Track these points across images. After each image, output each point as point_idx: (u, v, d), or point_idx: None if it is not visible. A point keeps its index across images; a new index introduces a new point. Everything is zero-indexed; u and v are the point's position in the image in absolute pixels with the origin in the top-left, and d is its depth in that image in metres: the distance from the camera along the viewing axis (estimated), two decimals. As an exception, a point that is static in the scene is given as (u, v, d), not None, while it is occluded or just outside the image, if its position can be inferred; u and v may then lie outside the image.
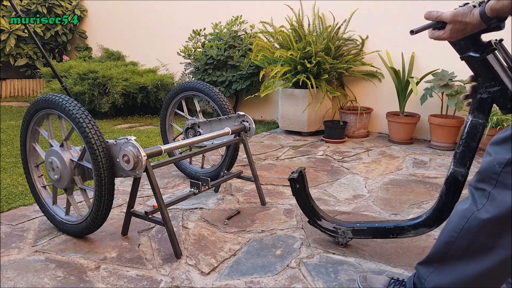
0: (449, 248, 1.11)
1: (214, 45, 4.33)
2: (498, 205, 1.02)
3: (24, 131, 1.91)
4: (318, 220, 1.75)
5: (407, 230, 1.53)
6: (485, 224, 1.05)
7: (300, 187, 1.74)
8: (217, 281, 1.48)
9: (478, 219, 1.06)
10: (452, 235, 1.11)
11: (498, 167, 1.02)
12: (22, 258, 1.63)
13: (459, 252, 1.10)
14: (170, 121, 2.61)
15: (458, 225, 1.10)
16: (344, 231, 1.69)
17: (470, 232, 1.07)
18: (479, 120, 1.27)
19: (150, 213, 1.74)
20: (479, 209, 1.06)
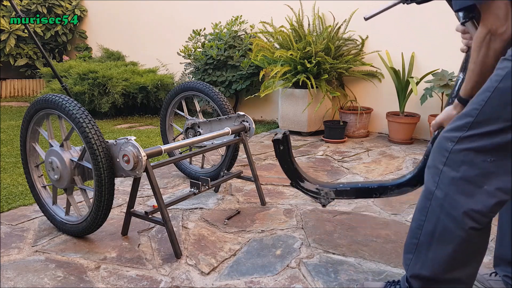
0: (420, 232, 1.12)
1: (214, 45, 4.33)
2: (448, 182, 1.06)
3: (24, 131, 1.91)
4: (301, 182, 1.71)
5: (390, 189, 1.51)
6: (443, 203, 1.07)
7: (284, 148, 1.72)
8: (217, 281, 1.49)
9: (437, 198, 1.08)
10: (421, 219, 1.13)
11: (450, 144, 1.06)
12: (22, 258, 1.63)
13: (428, 237, 1.10)
14: (170, 121, 2.61)
15: (423, 207, 1.12)
16: (327, 192, 1.66)
17: (433, 213, 1.09)
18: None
19: (150, 213, 1.74)
20: (435, 188, 1.08)
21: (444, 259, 1.09)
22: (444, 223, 1.07)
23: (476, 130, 1.02)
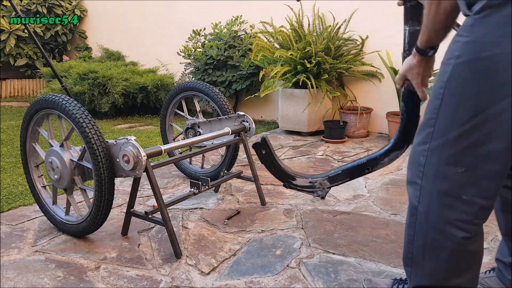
0: (412, 246, 1.14)
1: (214, 45, 4.33)
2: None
3: (24, 131, 1.91)
4: (293, 180, 1.70)
5: (380, 159, 1.51)
6: (427, 217, 1.08)
7: (267, 152, 1.71)
8: (217, 281, 1.48)
9: (422, 213, 1.09)
10: (410, 233, 1.14)
11: (422, 159, 1.06)
12: (22, 258, 1.63)
13: (421, 251, 1.11)
14: (170, 121, 2.61)
15: (411, 222, 1.13)
16: (321, 183, 1.65)
17: (421, 228, 1.10)
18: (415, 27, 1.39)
19: (150, 213, 1.74)
20: (418, 203, 1.09)
21: (439, 269, 1.09)
22: (433, 236, 1.07)
23: (439, 140, 1.03)
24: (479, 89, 0.96)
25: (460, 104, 0.98)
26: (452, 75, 0.99)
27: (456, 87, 0.99)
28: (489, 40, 0.93)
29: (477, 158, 0.98)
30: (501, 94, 0.93)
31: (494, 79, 0.94)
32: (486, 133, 0.96)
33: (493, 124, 0.95)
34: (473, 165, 0.99)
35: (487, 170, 0.98)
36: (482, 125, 0.96)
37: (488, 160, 0.98)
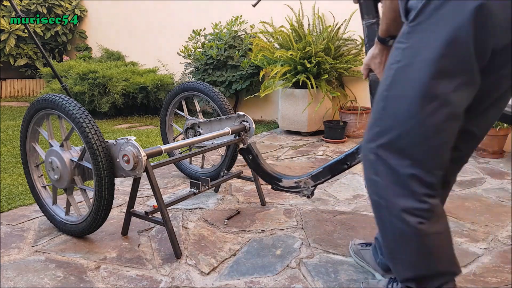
0: (387, 241, 1.19)
1: (214, 45, 4.33)
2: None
3: (24, 131, 1.91)
4: (280, 182, 1.77)
5: (357, 153, 1.58)
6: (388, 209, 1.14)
7: (253, 157, 1.79)
8: (217, 281, 1.48)
9: (383, 207, 1.15)
10: (381, 229, 1.20)
11: (372, 156, 1.14)
12: (22, 258, 1.63)
13: (393, 243, 1.17)
14: (170, 121, 2.61)
15: (378, 218, 1.19)
16: (305, 182, 1.70)
17: (386, 221, 1.16)
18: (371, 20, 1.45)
19: (150, 213, 1.74)
20: (378, 198, 1.16)
21: (415, 259, 1.14)
22: (397, 227, 1.13)
23: (385, 138, 1.10)
24: (414, 92, 1.04)
25: (401, 105, 1.06)
26: (394, 79, 1.07)
27: (398, 90, 1.07)
28: (424, 45, 1.00)
29: (421, 153, 1.07)
30: (432, 93, 1.02)
31: (429, 78, 1.01)
32: (424, 131, 1.05)
33: (428, 123, 1.04)
34: (418, 159, 1.08)
35: (430, 163, 1.08)
36: (419, 124, 1.04)
37: (430, 153, 1.07)
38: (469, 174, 2.75)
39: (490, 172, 2.80)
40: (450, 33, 0.97)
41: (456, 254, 1.64)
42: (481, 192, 2.40)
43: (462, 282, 1.48)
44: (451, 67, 1.00)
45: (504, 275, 1.53)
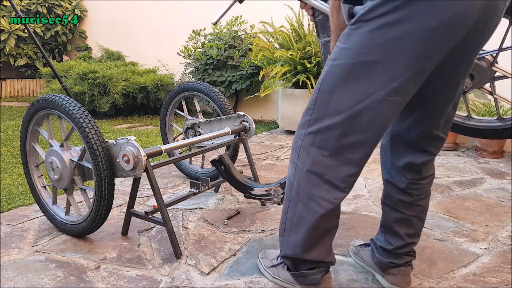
0: (286, 218, 1.29)
1: (214, 45, 4.33)
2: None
3: (24, 131, 1.91)
4: (252, 191, 1.85)
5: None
6: (298, 192, 1.24)
7: (225, 167, 1.88)
8: (217, 281, 1.48)
9: (294, 188, 1.25)
10: (285, 206, 1.29)
11: (299, 141, 1.23)
12: (22, 258, 1.63)
13: (290, 223, 1.27)
14: (170, 121, 2.61)
15: (287, 196, 1.28)
16: (275, 190, 1.79)
17: (293, 202, 1.26)
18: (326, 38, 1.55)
19: (150, 213, 1.74)
20: (293, 180, 1.25)
21: (299, 242, 1.26)
22: (300, 210, 1.24)
23: (313, 127, 1.19)
24: (346, 90, 1.13)
25: (331, 100, 1.15)
26: (326, 74, 1.17)
27: (329, 85, 1.16)
28: (359, 49, 1.09)
29: (341, 146, 1.16)
30: (363, 95, 1.11)
31: (360, 82, 1.11)
32: (349, 127, 1.14)
33: (355, 120, 1.13)
34: (337, 152, 1.17)
35: (348, 158, 1.17)
36: (347, 120, 1.13)
37: (350, 149, 1.16)
38: (469, 174, 2.75)
39: (490, 172, 2.80)
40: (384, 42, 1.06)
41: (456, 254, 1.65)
42: (481, 192, 2.40)
43: (462, 282, 1.49)
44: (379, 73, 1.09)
45: (504, 275, 1.53)
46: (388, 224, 1.42)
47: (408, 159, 1.32)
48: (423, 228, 1.89)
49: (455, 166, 2.93)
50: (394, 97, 1.10)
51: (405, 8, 1.02)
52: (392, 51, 1.06)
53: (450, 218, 2.03)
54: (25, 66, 6.00)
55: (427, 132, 1.27)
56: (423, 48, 1.05)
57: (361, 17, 1.09)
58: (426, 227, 1.92)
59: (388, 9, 1.04)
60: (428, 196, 1.39)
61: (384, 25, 1.05)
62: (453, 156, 3.23)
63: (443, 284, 1.47)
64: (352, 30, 1.11)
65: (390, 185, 1.39)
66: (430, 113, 1.25)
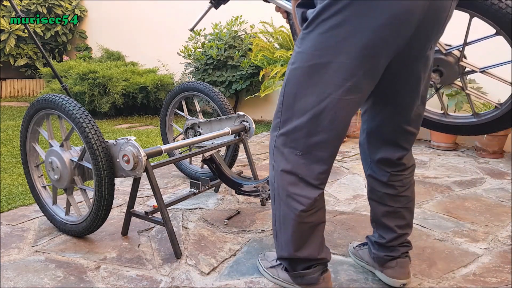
0: (275, 219, 1.32)
1: (214, 45, 4.33)
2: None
3: (24, 131, 1.91)
4: (241, 187, 1.93)
5: None
6: (279, 192, 1.29)
7: (217, 165, 1.96)
8: (217, 281, 1.48)
9: (275, 189, 1.29)
10: (273, 208, 1.33)
11: (272, 143, 1.29)
12: (22, 258, 1.63)
13: (278, 224, 1.31)
14: (170, 121, 2.61)
15: (272, 198, 1.33)
16: (263, 186, 1.86)
17: (277, 202, 1.30)
18: None
19: (150, 213, 1.74)
20: (274, 181, 1.30)
21: (289, 241, 1.29)
22: (283, 209, 1.27)
23: (283, 129, 1.24)
24: (307, 91, 1.18)
25: (295, 102, 1.21)
26: (288, 78, 1.22)
27: (292, 88, 1.21)
28: (312, 52, 1.15)
29: (310, 145, 1.21)
30: (322, 96, 1.16)
31: (318, 83, 1.16)
32: (314, 127, 1.19)
33: (318, 120, 1.18)
34: (307, 151, 1.22)
35: (317, 156, 1.22)
36: (311, 120, 1.18)
37: (318, 148, 1.21)
38: (469, 174, 2.75)
39: (490, 172, 2.80)
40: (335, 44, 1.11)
41: (456, 254, 1.65)
42: (481, 192, 2.40)
43: (462, 282, 1.49)
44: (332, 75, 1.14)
45: (504, 275, 1.53)
46: (377, 219, 1.45)
47: (385, 154, 1.36)
48: (423, 229, 1.90)
49: (455, 166, 2.93)
50: (350, 95, 1.15)
51: (347, 10, 1.08)
52: (342, 51, 1.11)
53: (450, 218, 2.03)
54: (25, 66, 6.00)
55: (399, 128, 1.32)
56: (369, 47, 1.10)
57: (311, 21, 1.15)
58: (426, 227, 1.92)
59: (333, 12, 1.10)
60: (412, 186, 1.43)
61: (332, 27, 1.11)
62: (453, 156, 3.23)
63: (443, 284, 1.47)
64: (305, 34, 1.17)
65: (373, 180, 1.43)
66: (399, 109, 1.30)
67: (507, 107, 1.46)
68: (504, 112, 1.47)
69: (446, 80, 1.54)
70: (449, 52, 1.49)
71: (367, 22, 1.07)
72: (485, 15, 1.33)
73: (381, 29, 1.08)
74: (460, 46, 1.47)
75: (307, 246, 1.29)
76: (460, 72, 1.51)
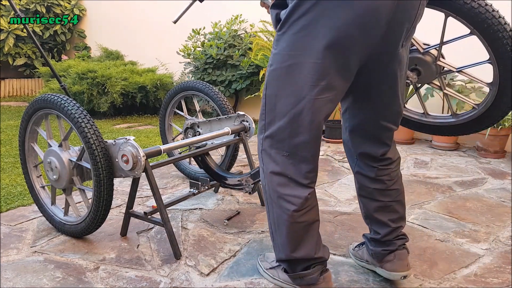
0: (270, 222, 1.33)
1: (214, 44, 4.32)
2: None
3: (23, 131, 1.90)
4: (226, 180, 1.99)
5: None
6: (270, 194, 1.30)
7: (202, 158, 2.04)
8: (217, 282, 1.47)
9: (267, 191, 1.30)
10: (267, 211, 1.33)
11: (260, 146, 1.30)
12: (21, 259, 1.62)
13: (274, 226, 1.32)
14: (169, 121, 2.60)
15: (265, 201, 1.33)
16: (246, 180, 1.91)
17: (270, 205, 1.30)
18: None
19: (149, 213, 1.73)
20: (265, 184, 1.30)
21: (285, 242, 1.29)
22: (276, 211, 1.28)
23: (269, 131, 1.26)
24: (286, 92, 1.20)
25: (277, 103, 1.22)
26: (268, 80, 1.24)
27: (272, 89, 1.23)
28: (287, 53, 1.17)
29: (294, 146, 1.22)
30: (299, 97, 1.17)
31: (294, 84, 1.18)
32: (295, 127, 1.20)
33: (298, 121, 1.19)
34: (293, 151, 1.23)
35: (303, 156, 1.23)
36: (292, 121, 1.20)
37: (302, 148, 1.22)
38: (471, 174, 2.75)
39: (491, 172, 2.80)
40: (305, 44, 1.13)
41: (457, 254, 1.64)
42: (482, 192, 2.40)
43: (463, 282, 1.48)
44: (306, 76, 1.16)
45: (506, 276, 1.52)
46: (370, 215, 1.46)
47: (369, 151, 1.39)
48: (424, 229, 1.89)
49: (456, 166, 2.92)
50: (325, 94, 1.17)
51: (315, 9, 1.10)
52: (313, 51, 1.13)
53: (452, 218, 2.02)
54: (24, 66, 5.99)
55: (380, 125, 1.34)
56: (337, 46, 1.11)
57: (284, 22, 1.17)
58: (427, 228, 1.91)
59: (302, 12, 1.12)
60: (399, 179, 1.45)
61: (303, 27, 1.13)
62: (454, 156, 3.22)
63: (444, 285, 1.46)
64: (279, 35, 1.19)
65: (362, 176, 1.45)
66: (379, 107, 1.32)
67: (483, 107, 1.47)
68: (480, 112, 1.49)
69: (424, 79, 1.55)
70: (426, 51, 1.49)
71: (333, 21, 1.09)
72: (458, 15, 1.34)
73: (347, 28, 1.09)
74: (437, 46, 1.47)
75: (303, 245, 1.29)
76: (438, 71, 1.52)
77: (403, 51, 1.24)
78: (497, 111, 1.45)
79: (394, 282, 1.47)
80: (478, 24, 1.31)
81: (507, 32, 1.30)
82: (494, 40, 1.32)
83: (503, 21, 1.30)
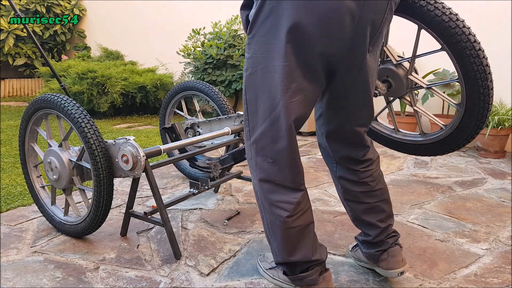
0: (265, 227, 1.33)
1: (214, 44, 4.32)
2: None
3: (23, 131, 1.90)
4: (196, 162, 2.06)
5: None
6: (262, 201, 1.30)
7: (176, 136, 2.09)
8: (217, 282, 1.47)
9: (259, 198, 1.30)
10: (261, 216, 1.33)
11: (249, 153, 1.29)
12: (20, 259, 1.62)
13: (268, 231, 1.31)
14: (169, 121, 2.60)
15: (259, 207, 1.33)
16: (215, 164, 1.96)
17: (262, 210, 1.30)
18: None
19: (149, 213, 1.73)
20: (257, 190, 1.29)
21: (281, 247, 1.29)
22: (269, 217, 1.28)
23: (253, 137, 1.25)
24: (264, 96, 1.19)
25: (257, 107, 1.21)
26: (246, 85, 1.24)
27: (251, 94, 1.22)
28: (259, 56, 1.16)
29: (277, 152, 1.21)
30: (275, 101, 1.16)
31: (269, 88, 1.17)
32: (275, 133, 1.20)
33: (277, 126, 1.18)
34: (276, 157, 1.22)
35: (286, 162, 1.22)
36: (271, 125, 1.19)
37: (284, 154, 1.21)
38: (471, 174, 2.75)
39: (491, 172, 2.80)
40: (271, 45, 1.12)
41: (457, 254, 1.64)
42: (482, 192, 2.40)
43: (463, 283, 1.48)
44: (277, 78, 1.14)
45: (506, 276, 1.52)
46: (358, 217, 1.46)
47: (349, 154, 1.38)
48: (424, 229, 1.89)
49: (456, 166, 2.92)
50: (297, 96, 1.17)
51: (276, 11, 1.09)
52: (279, 53, 1.12)
53: (452, 218, 2.02)
54: (24, 66, 5.99)
55: (355, 129, 1.34)
56: (298, 48, 1.11)
57: (252, 25, 1.16)
58: (427, 228, 1.91)
59: (266, 14, 1.11)
60: (381, 177, 1.44)
61: (268, 29, 1.12)
62: (454, 156, 3.22)
63: (444, 285, 1.46)
64: (250, 39, 1.18)
65: (345, 181, 1.42)
66: (353, 112, 1.31)
67: (450, 128, 1.40)
68: (446, 134, 1.42)
69: (395, 93, 1.50)
70: (399, 64, 1.45)
71: (292, 22, 1.08)
72: (429, 27, 1.28)
73: (305, 28, 1.08)
74: (410, 59, 1.43)
75: (299, 249, 1.28)
76: (409, 86, 1.46)
77: (371, 56, 1.21)
78: (462, 134, 1.38)
79: (394, 282, 1.47)
80: (447, 38, 1.26)
81: (476, 51, 1.23)
82: (462, 57, 1.26)
83: (472, 38, 1.23)
